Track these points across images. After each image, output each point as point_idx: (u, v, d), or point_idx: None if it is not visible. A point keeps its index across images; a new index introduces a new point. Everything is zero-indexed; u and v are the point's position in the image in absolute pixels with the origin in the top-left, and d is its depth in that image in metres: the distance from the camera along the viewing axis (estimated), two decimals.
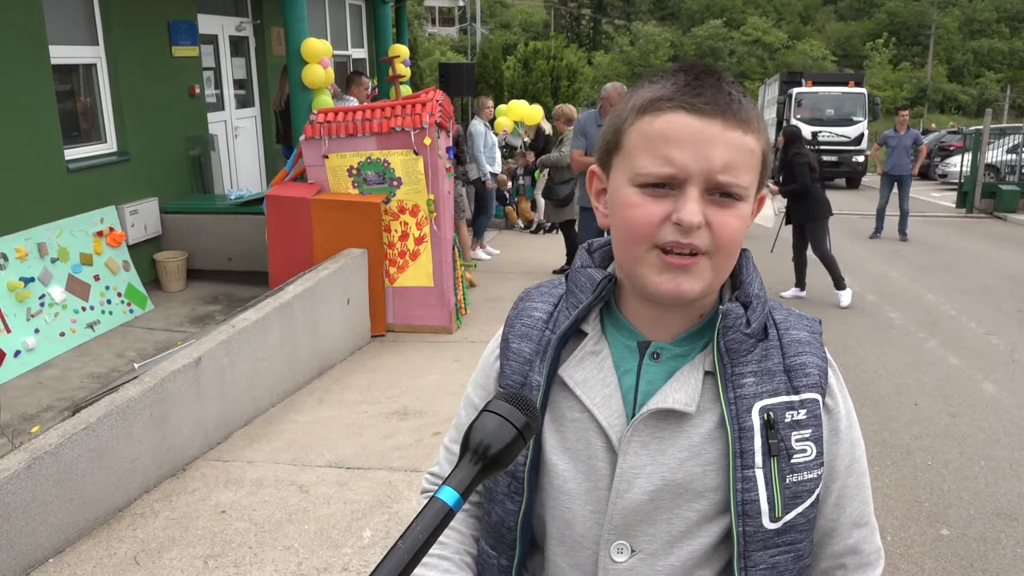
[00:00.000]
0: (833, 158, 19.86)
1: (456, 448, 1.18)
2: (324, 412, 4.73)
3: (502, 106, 12.23)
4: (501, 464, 0.82)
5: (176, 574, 3.13)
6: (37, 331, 5.46)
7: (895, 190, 11.59)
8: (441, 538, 1.21)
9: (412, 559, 0.75)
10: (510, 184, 11.30)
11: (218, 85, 8.68)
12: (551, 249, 9.62)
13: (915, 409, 5.15)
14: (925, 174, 21.54)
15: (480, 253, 9.27)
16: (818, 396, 0.99)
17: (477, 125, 9.20)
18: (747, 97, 0.95)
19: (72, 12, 6.43)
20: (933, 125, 32.57)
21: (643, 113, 0.94)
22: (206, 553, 3.26)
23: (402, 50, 10.44)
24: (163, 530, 3.44)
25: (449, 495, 0.78)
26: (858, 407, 1.08)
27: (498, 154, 9.55)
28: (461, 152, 8.51)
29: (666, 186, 0.92)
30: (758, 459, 0.95)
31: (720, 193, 0.91)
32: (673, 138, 0.91)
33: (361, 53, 12.16)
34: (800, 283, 8.05)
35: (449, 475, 0.81)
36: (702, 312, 1.01)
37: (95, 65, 6.66)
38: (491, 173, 9.29)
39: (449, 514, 0.78)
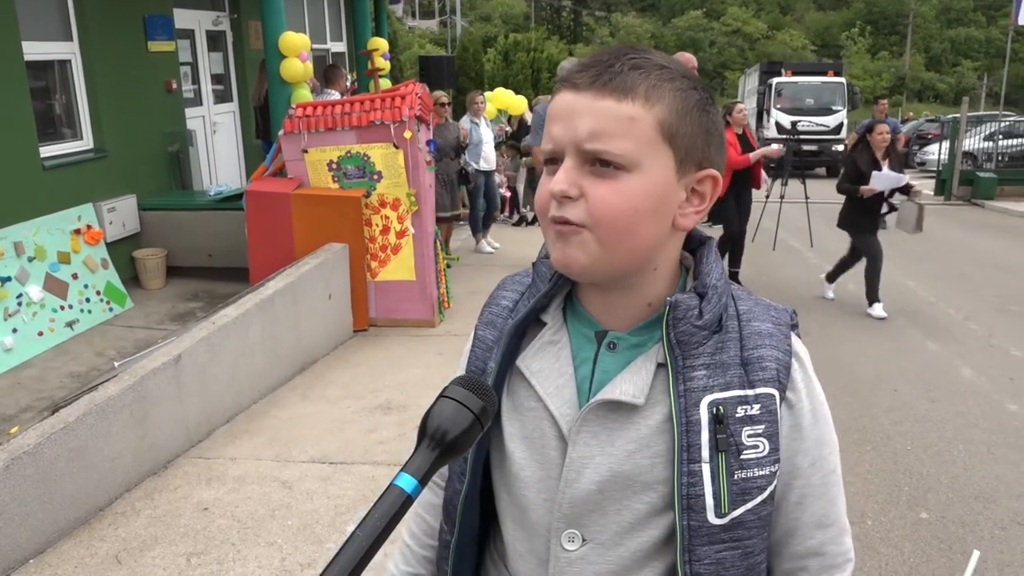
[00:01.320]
0: (813, 147, 19.99)
1: None
2: (307, 408, 4.72)
3: (488, 93, 12.22)
4: (459, 449, 0.82)
5: (159, 572, 3.12)
6: (15, 331, 5.41)
7: None
8: (413, 529, 1.22)
9: (370, 547, 0.74)
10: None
11: (195, 80, 8.60)
12: (534, 242, 9.62)
13: (895, 395, 5.20)
14: (904, 162, 21.68)
15: (484, 246, 9.32)
16: (774, 391, 0.96)
17: (464, 121, 9.19)
18: (647, 69, 0.92)
19: (45, 8, 6.35)
20: (911, 114, 32.81)
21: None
22: (189, 551, 3.24)
23: (381, 43, 10.40)
24: (145, 528, 3.42)
25: (407, 482, 0.78)
26: (838, 394, 1.06)
27: (485, 150, 9.47)
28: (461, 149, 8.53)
29: (556, 162, 0.94)
30: (705, 453, 0.93)
31: (599, 163, 0.91)
32: (554, 115, 0.94)
33: (340, 47, 12.09)
34: (833, 280, 7.58)
35: (407, 461, 0.80)
36: (650, 300, 0.99)
37: (70, 61, 6.58)
38: (476, 170, 9.27)
39: (407, 501, 0.77)
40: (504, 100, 12.11)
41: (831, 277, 7.57)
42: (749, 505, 0.95)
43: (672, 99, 0.92)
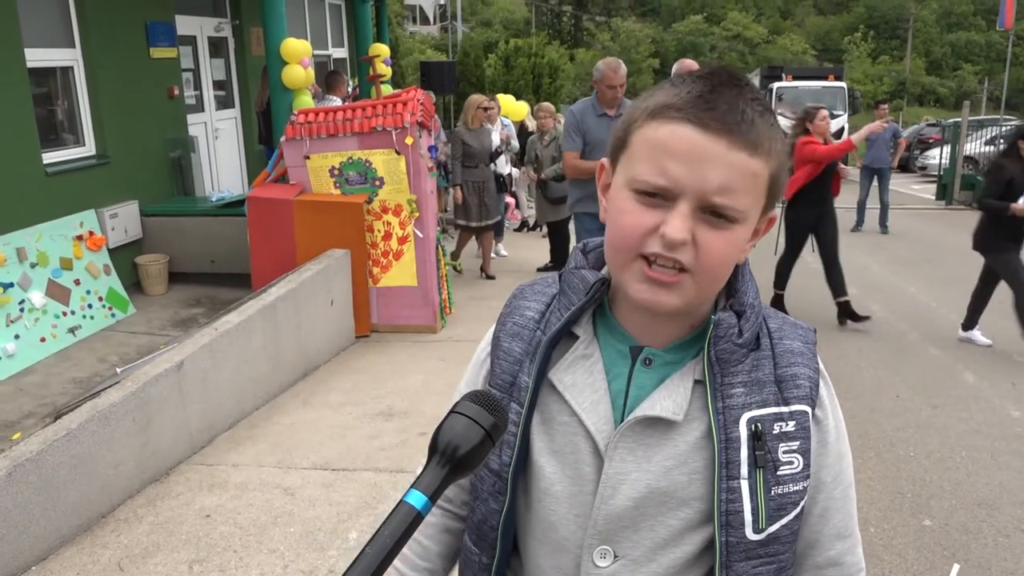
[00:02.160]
0: None
1: None
2: (309, 414, 4.72)
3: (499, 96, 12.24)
4: (470, 466, 0.81)
5: None
6: (17, 337, 5.41)
7: (875, 183, 11.68)
8: (404, 552, 1.20)
9: (380, 565, 0.74)
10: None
11: (197, 86, 8.62)
12: (535, 247, 9.63)
13: (897, 401, 5.19)
14: (905, 167, 21.71)
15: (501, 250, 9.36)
16: (808, 408, 0.98)
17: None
18: (765, 115, 0.91)
19: (47, 14, 6.36)
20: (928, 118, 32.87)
21: (652, 118, 0.92)
22: (191, 558, 3.24)
23: (383, 49, 10.42)
24: (147, 535, 3.42)
25: (417, 499, 0.77)
26: (841, 399, 1.07)
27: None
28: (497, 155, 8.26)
29: (659, 196, 0.90)
30: (744, 470, 0.95)
31: (712, 213, 0.89)
32: (674, 150, 0.89)
33: (341, 52, 12.11)
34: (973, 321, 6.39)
35: (417, 478, 0.80)
36: (693, 322, 1.00)
37: (72, 68, 6.60)
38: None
39: (417, 518, 0.77)
40: (505, 107, 12.11)
41: (970, 322, 6.42)
42: (784, 520, 0.97)
43: (780, 151, 0.93)
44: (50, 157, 6.25)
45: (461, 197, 7.78)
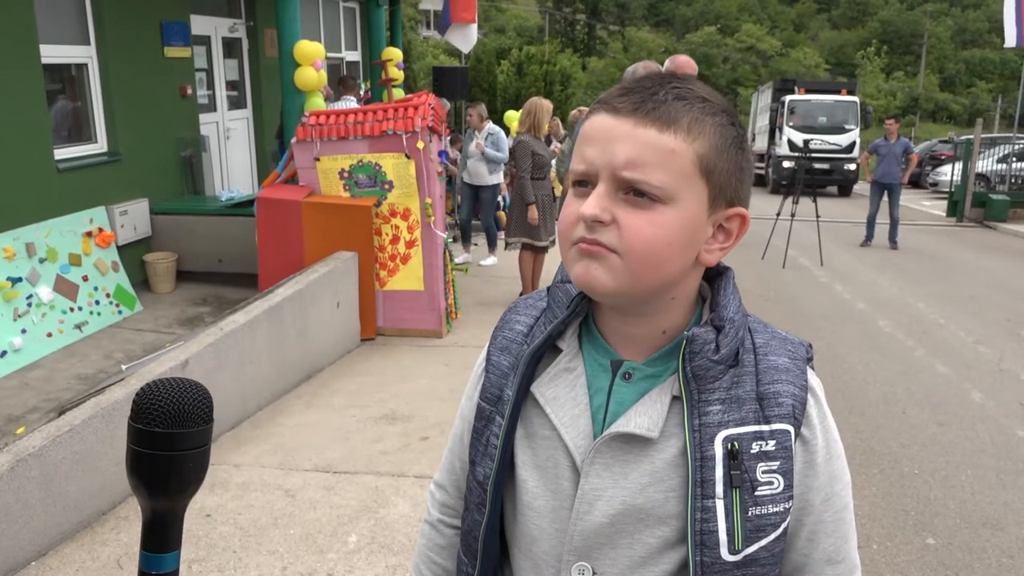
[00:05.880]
0: (825, 166, 19.97)
1: (453, 458, 1.19)
2: (312, 416, 4.72)
3: (510, 112, 12.29)
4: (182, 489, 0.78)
5: None
6: (24, 331, 5.43)
7: (885, 198, 11.66)
8: None
9: None
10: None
11: (210, 86, 8.66)
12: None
13: (903, 417, 5.16)
14: (916, 183, 21.67)
15: (470, 258, 9.34)
16: (790, 427, 0.95)
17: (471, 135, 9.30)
18: (690, 101, 0.92)
19: (64, 11, 6.40)
20: (951, 134, 32.79)
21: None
22: (190, 557, 3.24)
23: (395, 53, 10.46)
24: None
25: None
26: (846, 415, 1.04)
27: (470, 164, 9.61)
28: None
29: (589, 185, 0.93)
30: (719, 489, 0.92)
31: (633, 192, 0.90)
32: (590, 136, 0.93)
33: (354, 56, 12.16)
34: None
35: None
36: (665, 328, 0.98)
37: (86, 65, 6.64)
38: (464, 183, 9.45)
39: None
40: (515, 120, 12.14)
41: None
42: (763, 542, 0.94)
43: (713, 134, 0.92)
44: (62, 153, 6.29)
45: (536, 216, 6.89)
